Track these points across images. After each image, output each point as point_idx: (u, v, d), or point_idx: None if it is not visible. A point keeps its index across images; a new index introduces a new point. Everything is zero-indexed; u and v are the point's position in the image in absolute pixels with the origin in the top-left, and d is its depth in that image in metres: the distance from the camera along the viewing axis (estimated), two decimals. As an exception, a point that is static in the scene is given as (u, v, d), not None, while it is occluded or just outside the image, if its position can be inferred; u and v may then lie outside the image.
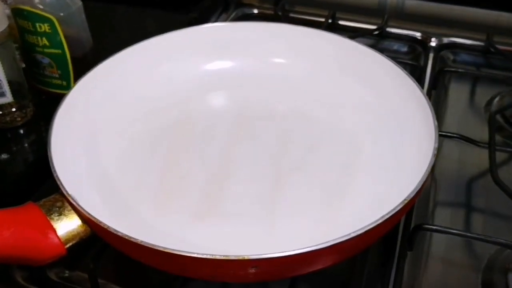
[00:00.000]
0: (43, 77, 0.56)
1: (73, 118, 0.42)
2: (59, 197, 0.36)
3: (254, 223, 0.41)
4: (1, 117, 0.53)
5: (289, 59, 0.50)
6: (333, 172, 0.44)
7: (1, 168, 0.51)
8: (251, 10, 0.72)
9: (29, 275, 0.41)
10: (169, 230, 0.39)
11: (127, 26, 0.71)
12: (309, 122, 0.47)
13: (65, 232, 0.35)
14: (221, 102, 0.48)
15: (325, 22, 0.65)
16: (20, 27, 0.54)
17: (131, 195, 0.42)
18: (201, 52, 0.49)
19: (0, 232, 0.32)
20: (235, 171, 0.44)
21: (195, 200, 0.42)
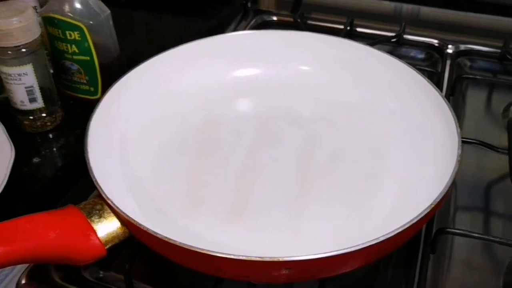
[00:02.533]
0: (71, 83, 0.58)
1: (106, 125, 0.44)
2: (98, 200, 0.37)
3: (281, 226, 0.42)
4: (32, 122, 0.55)
5: (314, 67, 0.51)
6: (357, 177, 0.45)
7: (32, 172, 0.52)
8: (270, 17, 0.74)
9: (66, 275, 0.42)
10: (199, 233, 0.41)
11: (148, 33, 0.73)
12: (333, 128, 0.49)
13: (105, 234, 0.36)
14: (248, 107, 0.50)
15: (344, 29, 0.67)
16: (50, 35, 0.55)
17: (162, 199, 0.43)
18: (229, 59, 0.51)
19: (47, 233, 0.34)
20: (261, 175, 0.45)
21: (223, 203, 0.43)
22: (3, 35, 0.49)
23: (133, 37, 0.71)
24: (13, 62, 0.51)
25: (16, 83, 0.52)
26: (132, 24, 0.74)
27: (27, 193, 0.50)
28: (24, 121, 0.55)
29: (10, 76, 0.52)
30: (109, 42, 0.56)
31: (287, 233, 0.41)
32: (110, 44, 0.56)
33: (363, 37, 0.68)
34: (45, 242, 0.34)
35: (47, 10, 0.54)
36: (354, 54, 0.51)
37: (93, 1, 0.54)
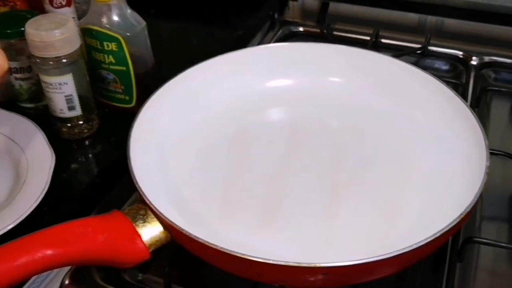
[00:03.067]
0: (107, 92, 0.60)
1: (146, 134, 0.46)
2: (142, 206, 0.39)
3: (312, 233, 0.43)
4: (69, 129, 0.57)
5: (344, 78, 0.53)
6: (385, 186, 0.47)
7: (71, 177, 0.54)
8: (296, 28, 0.76)
9: (106, 277, 0.44)
10: (234, 238, 0.42)
11: (176, 43, 0.75)
12: (361, 138, 0.50)
13: (149, 238, 0.38)
14: (279, 117, 0.51)
15: (370, 40, 0.68)
16: (88, 45, 0.57)
17: (199, 205, 0.45)
18: (262, 70, 0.53)
19: (96, 237, 0.35)
20: (292, 183, 0.47)
21: (256, 210, 0.45)
22: (46, 46, 0.52)
23: (163, 47, 0.73)
24: (54, 72, 0.53)
25: (56, 92, 0.54)
26: (162, 34, 0.76)
27: (65, 198, 0.52)
28: (63, 128, 0.57)
29: (51, 85, 0.54)
30: (144, 53, 0.58)
31: (318, 240, 0.43)
32: (145, 55, 0.59)
33: (389, 48, 0.69)
34: (94, 245, 0.36)
35: (86, 22, 0.57)
36: (382, 66, 0.52)
37: (130, 14, 0.56)
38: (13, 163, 0.52)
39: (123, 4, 0.56)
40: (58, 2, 0.60)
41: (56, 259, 0.34)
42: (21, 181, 0.49)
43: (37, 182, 0.49)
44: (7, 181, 0.51)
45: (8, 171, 0.52)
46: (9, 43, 0.56)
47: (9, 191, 0.49)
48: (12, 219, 0.45)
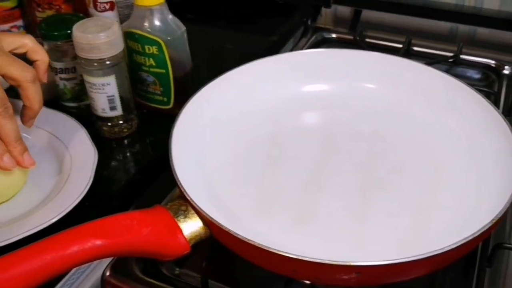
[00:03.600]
0: (146, 93, 0.62)
1: (186, 134, 0.48)
2: (183, 202, 0.41)
3: (345, 233, 0.44)
4: (110, 128, 0.60)
5: (378, 84, 0.54)
6: (418, 190, 0.48)
7: (111, 174, 0.57)
8: (329, 35, 0.77)
9: (145, 269, 0.46)
10: (270, 236, 0.44)
11: (212, 47, 0.77)
12: (394, 143, 0.51)
13: (190, 232, 0.40)
14: (314, 121, 0.53)
15: (403, 48, 0.69)
16: (130, 48, 0.60)
17: (235, 203, 0.46)
18: (299, 75, 0.55)
19: (141, 230, 0.37)
20: (325, 184, 0.48)
21: (291, 210, 0.46)
22: (91, 49, 0.54)
23: (199, 51, 0.75)
24: (97, 73, 0.56)
25: (99, 92, 0.57)
26: (198, 39, 0.79)
27: (106, 194, 0.54)
28: (103, 127, 0.59)
29: (95, 86, 0.56)
30: (183, 56, 0.61)
31: (351, 240, 0.44)
32: (184, 58, 0.61)
33: (421, 56, 0.70)
34: (139, 238, 0.38)
35: (128, 25, 0.59)
36: (416, 74, 0.54)
37: (171, 18, 0.59)
38: (57, 159, 0.55)
39: (164, 9, 0.58)
40: (102, 6, 0.63)
41: (104, 249, 0.36)
42: (65, 176, 0.52)
43: (80, 178, 0.51)
44: (52, 176, 0.53)
45: (52, 167, 0.54)
46: (55, 45, 0.59)
47: (53, 185, 0.52)
48: (57, 212, 0.48)
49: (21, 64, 0.47)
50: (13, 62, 0.47)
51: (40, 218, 0.47)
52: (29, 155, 0.48)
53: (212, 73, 0.59)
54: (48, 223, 0.47)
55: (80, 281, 0.48)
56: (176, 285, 0.45)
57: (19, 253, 0.35)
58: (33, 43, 0.51)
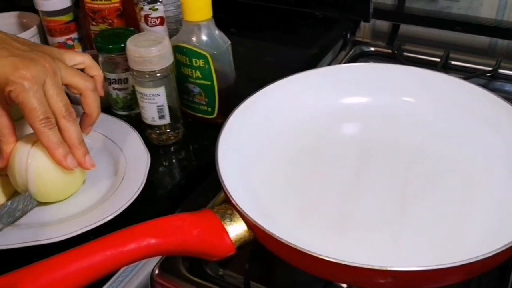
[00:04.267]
0: (191, 103, 0.66)
1: (231, 143, 0.51)
2: (229, 206, 0.44)
3: (382, 239, 0.46)
4: (158, 135, 0.63)
5: (417, 98, 0.56)
6: (454, 200, 0.49)
7: (158, 179, 0.60)
8: (368, 48, 0.79)
9: (190, 268, 0.49)
10: (309, 240, 0.46)
11: (254, 60, 0.80)
12: (431, 155, 0.53)
13: (235, 235, 0.43)
14: (353, 131, 0.55)
15: (440, 62, 0.71)
16: (178, 61, 0.63)
17: (276, 209, 0.49)
18: (339, 87, 0.57)
19: (191, 231, 0.41)
20: (364, 193, 0.50)
21: (329, 216, 0.48)
22: (143, 62, 0.58)
23: (241, 63, 0.78)
24: (148, 84, 0.60)
25: (150, 102, 0.61)
26: (241, 52, 0.82)
27: (154, 197, 0.57)
28: (152, 134, 0.63)
29: (146, 96, 0.60)
30: (227, 69, 0.64)
31: (388, 246, 0.46)
32: (228, 71, 0.64)
33: (459, 70, 0.72)
34: (189, 238, 0.41)
35: (177, 40, 0.63)
36: (454, 88, 0.55)
37: (217, 34, 0.62)
38: (113, 161, 0.59)
39: (211, 24, 0.61)
40: (153, 21, 0.67)
41: (158, 247, 0.40)
42: (120, 178, 0.56)
43: (134, 180, 0.55)
44: (108, 177, 0.57)
45: (108, 168, 0.58)
46: (109, 57, 0.63)
47: (109, 186, 0.56)
48: (111, 211, 0.51)
49: (83, 75, 0.52)
50: (77, 73, 0.51)
51: (96, 216, 0.51)
52: (90, 158, 0.52)
53: (253, 84, 0.62)
54: (103, 221, 0.50)
55: (129, 279, 0.51)
56: (220, 285, 0.47)
57: (81, 249, 0.39)
58: (91, 61, 0.56)
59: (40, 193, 0.52)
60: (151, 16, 0.66)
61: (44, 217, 0.53)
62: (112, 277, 0.49)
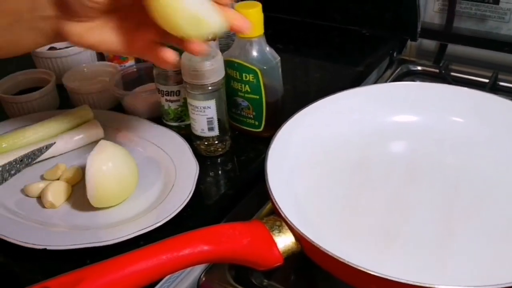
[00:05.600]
0: (239, 117, 0.68)
1: (279, 157, 0.52)
2: (278, 218, 0.46)
3: (426, 257, 0.47)
4: (207, 147, 0.65)
5: (466, 119, 0.57)
6: (500, 221, 0.49)
7: (207, 189, 0.62)
8: (414, 67, 0.80)
9: (236, 277, 0.50)
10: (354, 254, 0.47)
11: (301, 76, 0.82)
12: (478, 177, 0.53)
13: (283, 246, 0.44)
14: (400, 150, 0.56)
15: (489, 83, 0.70)
16: (229, 75, 0.65)
17: (322, 223, 0.50)
18: (387, 105, 0.58)
19: (241, 240, 0.42)
20: (408, 211, 0.51)
21: (375, 231, 0.49)
22: (197, 75, 0.60)
23: (289, 79, 0.80)
24: (200, 97, 0.62)
25: (200, 114, 0.63)
26: (288, 68, 0.84)
27: (202, 206, 0.59)
28: (201, 145, 0.65)
29: (197, 108, 0.62)
30: (276, 84, 0.65)
31: (434, 265, 0.46)
32: (277, 86, 0.66)
33: (508, 92, 0.71)
34: (239, 247, 0.42)
35: (229, 55, 0.65)
36: (503, 110, 0.55)
37: (268, 50, 0.64)
38: (163, 170, 0.61)
39: (262, 40, 0.63)
40: (205, 36, 0.69)
41: (210, 254, 0.41)
42: (170, 186, 0.58)
43: (183, 188, 0.57)
44: (158, 185, 0.59)
45: (159, 176, 0.60)
46: (164, 70, 0.66)
47: (159, 193, 0.58)
48: (161, 218, 0.53)
49: None
50: None
51: (147, 221, 0.53)
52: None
53: (299, 100, 0.63)
54: (153, 227, 0.52)
55: (175, 284, 0.53)
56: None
57: (138, 252, 0.41)
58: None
59: (98, 198, 0.55)
60: (204, 32, 0.69)
61: (98, 221, 0.55)
62: (159, 283, 0.50)
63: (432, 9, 0.83)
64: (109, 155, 0.55)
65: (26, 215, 0.56)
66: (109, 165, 0.54)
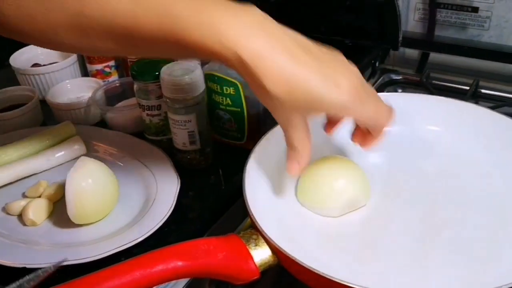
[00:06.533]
0: (222, 129, 0.68)
1: (258, 169, 0.52)
2: (254, 232, 0.45)
3: (408, 270, 0.46)
4: (189, 160, 0.65)
5: (442, 127, 0.57)
6: (480, 231, 0.49)
7: (187, 202, 0.62)
8: (397, 76, 0.80)
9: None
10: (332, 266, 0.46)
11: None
12: (458, 185, 0.53)
13: (260, 259, 0.44)
14: (378, 161, 0.56)
15: (470, 90, 0.71)
16: (209, 88, 0.66)
17: (300, 235, 0.50)
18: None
19: (216, 254, 0.42)
20: (389, 221, 0.51)
21: (353, 243, 0.49)
22: (176, 89, 0.61)
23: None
24: (180, 111, 0.62)
25: (181, 128, 0.63)
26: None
27: (183, 220, 0.59)
28: (183, 159, 0.65)
29: (178, 122, 0.63)
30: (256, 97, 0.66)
31: (413, 277, 0.46)
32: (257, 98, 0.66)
33: (488, 99, 0.72)
34: (215, 261, 0.42)
35: (209, 68, 0.65)
36: (481, 118, 0.55)
37: (247, 62, 0.64)
38: (144, 185, 0.61)
39: (242, 54, 0.63)
40: (186, 50, 0.69)
41: (184, 270, 0.41)
42: (151, 201, 0.58)
43: (164, 203, 0.57)
44: (139, 199, 0.59)
45: (140, 191, 0.60)
46: (144, 85, 0.66)
47: (140, 208, 0.58)
48: (142, 233, 0.53)
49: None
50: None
51: (127, 237, 0.53)
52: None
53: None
54: (133, 243, 0.52)
55: (157, 299, 0.53)
56: (244, 308, 0.48)
57: (112, 269, 0.41)
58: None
59: (78, 215, 0.55)
60: (185, 46, 0.69)
61: (79, 238, 0.55)
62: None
63: (413, 19, 0.83)
64: (89, 172, 0.55)
65: (7, 234, 0.56)
66: (88, 181, 0.54)
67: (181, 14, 0.41)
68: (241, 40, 0.40)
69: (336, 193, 0.50)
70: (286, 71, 0.41)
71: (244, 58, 0.40)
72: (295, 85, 0.41)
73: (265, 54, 0.41)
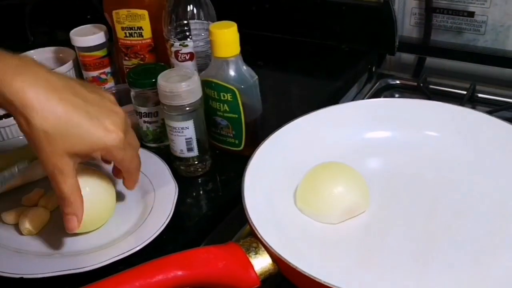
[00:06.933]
0: (219, 136, 0.68)
1: (257, 175, 0.52)
2: (254, 240, 0.45)
3: (408, 276, 0.46)
4: (187, 167, 0.65)
5: (439, 132, 0.57)
6: (480, 235, 0.49)
7: (186, 210, 0.61)
8: (393, 81, 0.80)
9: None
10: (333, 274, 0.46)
11: (280, 93, 0.82)
12: (456, 190, 0.53)
13: (260, 268, 0.44)
14: (376, 166, 0.56)
15: (467, 95, 0.71)
16: (206, 95, 0.65)
17: (300, 243, 0.50)
18: (362, 122, 0.58)
19: (216, 263, 0.42)
20: (387, 229, 0.51)
21: (353, 251, 0.49)
22: (173, 96, 0.60)
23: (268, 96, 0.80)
24: (178, 117, 0.62)
25: (178, 135, 0.62)
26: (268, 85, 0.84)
27: (182, 228, 0.59)
28: (181, 166, 0.65)
29: (175, 129, 0.62)
30: (254, 103, 0.65)
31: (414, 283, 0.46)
32: (255, 104, 0.66)
33: (485, 103, 0.72)
34: (215, 270, 0.42)
35: (206, 74, 0.65)
36: (477, 123, 0.56)
37: (245, 69, 0.64)
38: (142, 192, 0.60)
39: (239, 60, 0.63)
40: (183, 56, 0.69)
41: (184, 279, 0.41)
42: (149, 209, 0.57)
43: (162, 211, 0.56)
44: (136, 207, 0.59)
45: (137, 199, 0.60)
46: (141, 92, 0.66)
47: (138, 216, 0.57)
48: (140, 242, 0.53)
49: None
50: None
51: (125, 246, 0.52)
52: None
53: (280, 117, 0.63)
54: (132, 251, 0.52)
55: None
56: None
57: (112, 279, 0.40)
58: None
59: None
60: (181, 52, 0.69)
61: (76, 247, 0.55)
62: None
63: (409, 23, 0.84)
64: (85, 180, 0.54)
65: (3, 243, 0.55)
66: (86, 190, 0.54)
67: None
68: (6, 79, 0.42)
69: (335, 200, 0.50)
70: (52, 105, 0.43)
71: (8, 95, 0.42)
72: (63, 120, 0.43)
73: (29, 90, 0.42)
